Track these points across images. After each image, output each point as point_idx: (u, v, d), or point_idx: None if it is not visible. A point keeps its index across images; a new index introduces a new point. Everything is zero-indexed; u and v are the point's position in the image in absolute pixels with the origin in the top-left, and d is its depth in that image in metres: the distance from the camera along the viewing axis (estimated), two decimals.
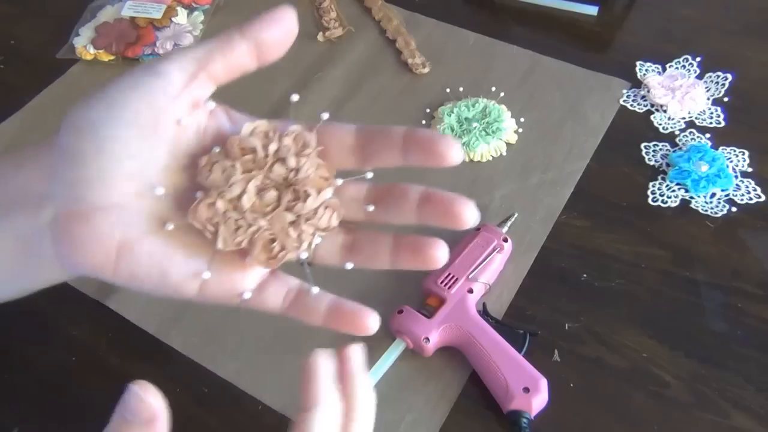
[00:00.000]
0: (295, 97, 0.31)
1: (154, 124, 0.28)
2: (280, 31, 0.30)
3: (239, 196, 0.29)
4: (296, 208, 0.29)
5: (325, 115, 0.31)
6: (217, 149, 0.29)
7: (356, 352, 0.33)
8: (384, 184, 0.31)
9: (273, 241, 0.29)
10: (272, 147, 0.29)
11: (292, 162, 0.29)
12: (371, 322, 0.30)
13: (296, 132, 0.30)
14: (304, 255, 0.30)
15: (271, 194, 0.29)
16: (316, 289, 0.31)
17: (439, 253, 0.30)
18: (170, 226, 0.29)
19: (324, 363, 0.32)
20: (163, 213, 0.29)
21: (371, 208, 0.31)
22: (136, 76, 0.29)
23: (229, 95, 0.73)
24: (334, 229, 0.30)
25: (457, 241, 0.52)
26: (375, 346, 0.48)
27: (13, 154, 0.31)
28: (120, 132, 0.28)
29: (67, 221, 0.28)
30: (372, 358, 0.47)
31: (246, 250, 0.29)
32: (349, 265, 0.31)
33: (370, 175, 0.31)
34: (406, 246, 0.31)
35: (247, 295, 0.30)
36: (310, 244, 0.30)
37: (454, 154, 0.29)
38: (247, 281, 0.30)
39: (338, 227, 0.31)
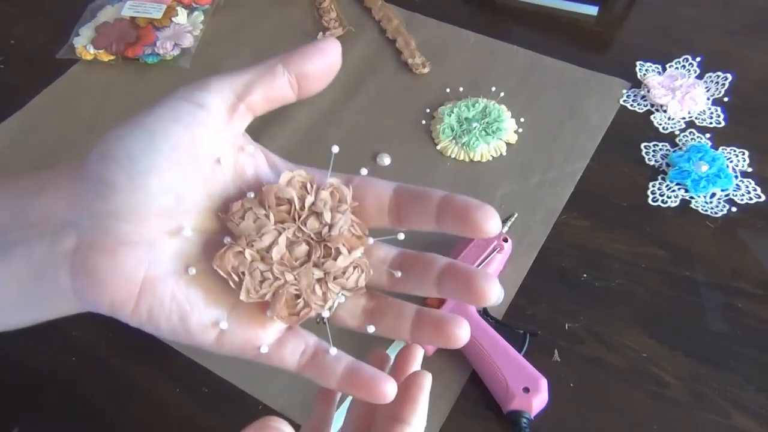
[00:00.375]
0: (335, 149, 0.30)
1: (193, 158, 0.27)
2: (324, 63, 0.29)
3: (269, 248, 0.28)
4: (326, 266, 0.28)
5: (364, 171, 0.30)
6: (251, 195, 0.28)
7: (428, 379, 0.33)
8: (412, 253, 0.31)
9: (297, 296, 0.28)
10: (308, 200, 0.29)
11: (327, 217, 0.28)
12: (389, 389, 0.29)
13: (334, 186, 0.29)
14: (326, 314, 0.29)
15: (302, 248, 0.28)
16: (334, 350, 0.29)
17: (461, 332, 0.29)
18: (192, 271, 0.28)
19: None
20: (191, 254, 0.28)
21: (399, 274, 0.30)
22: (175, 106, 0.28)
23: None
24: (360, 290, 0.30)
25: (457, 241, 0.52)
26: (375, 346, 0.48)
27: (32, 175, 0.30)
28: (157, 165, 0.27)
29: (90, 253, 0.27)
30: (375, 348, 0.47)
31: (268, 303, 0.28)
32: (371, 329, 0.30)
33: (401, 236, 0.30)
34: (428, 322, 0.30)
35: (264, 350, 0.29)
36: (333, 302, 0.29)
37: (491, 226, 0.27)
38: (266, 335, 0.29)
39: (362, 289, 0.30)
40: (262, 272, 0.28)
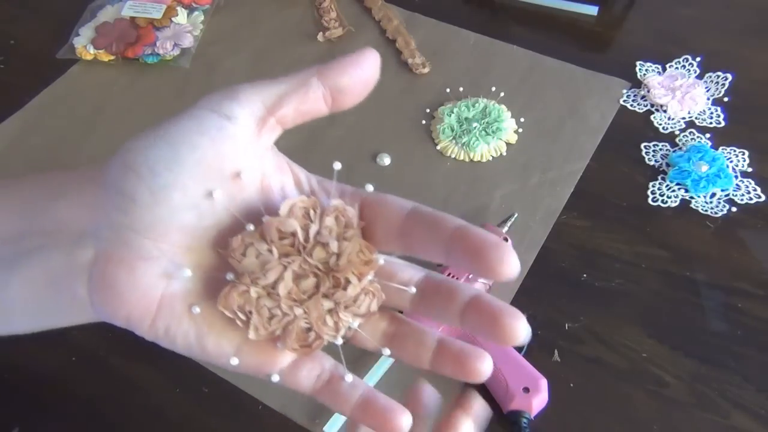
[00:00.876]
0: (337, 166, 0.29)
1: (218, 174, 0.26)
2: (361, 77, 0.28)
3: (274, 284, 0.26)
4: (336, 296, 0.27)
5: (370, 188, 0.29)
6: (250, 227, 0.27)
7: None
8: (437, 278, 0.29)
9: (308, 329, 0.27)
10: (313, 229, 0.27)
11: (333, 247, 0.27)
12: (404, 421, 0.27)
13: (339, 209, 0.28)
14: (339, 341, 0.28)
15: (309, 281, 0.27)
16: (350, 377, 0.28)
17: (484, 366, 0.27)
18: (197, 310, 0.27)
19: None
20: (212, 270, 0.27)
21: (413, 290, 0.28)
22: (201, 117, 0.26)
23: None
24: (373, 315, 0.28)
25: None
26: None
27: (49, 178, 0.29)
28: (181, 180, 0.25)
29: (108, 266, 0.26)
30: (372, 358, 0.47)
31: (279, 336, 0.27)
32: (386, 352, 0.29)
33: (413, 290, 0.28)
34: (449, 354, 0.28)
35: (276, 379, 0.28)
36: (346, 329, 0.28)
37: (506, 269, 0.25)
38: (280, 362, 0.28)
39: (382, 313, 0.29)
40: (270, 309, 0.27)
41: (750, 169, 0.57)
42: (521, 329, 0.25)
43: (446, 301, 0.27)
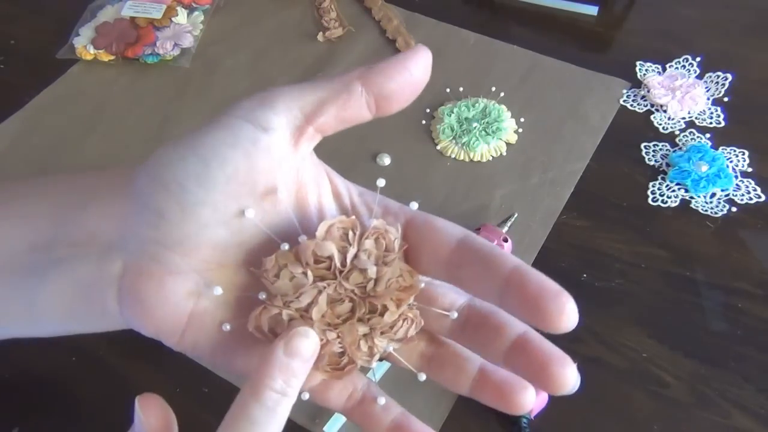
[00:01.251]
0: (381, 183, 0.27)
1: (252, 190, 0.25)
2: (409, 82, 0.26)
3: (308, 308, 0.25)
4: (371, 322, 0.26)
5: (414, 205, 0.27)
6: (285, 246, 0.26)
7: None
8: (482, 307, 0.27)
9: (342, 353, 0.26)
10: (350, 253, 0.26)
11: (371, 272, 0.25)
12: None
13: (380, 231, 0.26)
14: (373, 365, 0.27)
15: (345, 306, 0.26)
16: (383, 400, 0.28)
17: (527, 399, 0.26)
18: (227, 327, 0.26)
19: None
20: (244, 288, 0.26)
21: (455, 315, 0.27)
22: (234, 127, 0.25)
23: (233, 96, 0.73)
24: (411, 341, 0.27)
25: None
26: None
27: (74, 184, 0.28)
28: (212, 197, 0.24)
29: (138, 280, 0.25)
30: None
31: None
32: (422, 377, 0.27)
33: (455, 315, 0.27)
34: (492, 383, 0.27)
35: (306, 397, 0.27)
36: (380, 353, 0.27)
37: (566, 322, 0.24)
38: (310, 381, 0.27)
39: (420, 334, 0.27)
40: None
41: (750, 169, 0.57)
42: (571, 378, 0.24)
43: (491, 336, 0.26)
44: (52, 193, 0.28)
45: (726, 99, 0.62)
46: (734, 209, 0.55)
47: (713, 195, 0.56)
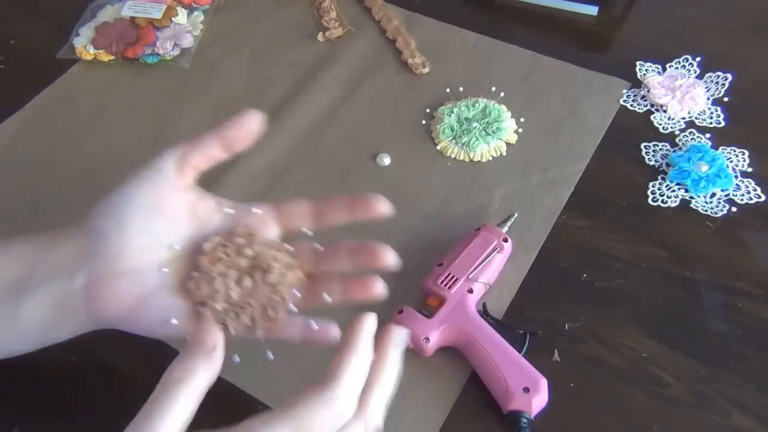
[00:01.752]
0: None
1: (158, 207, 0.37)
2: (245, 131, 0.39)
3: (227, 296, 0.37)
4: (268, 280, 0.37)
5: (258, 211, 0.41)
6: (195, 275, 0.38)
7: (399, 333, 0.38)
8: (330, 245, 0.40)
9: (264, 309, 0.37)
10: (230, 249, 0.38)
11: (249, 252, 0.38)
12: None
13: (243, 230, 0.39)
14: (293, 308, 0.38)
15: (248, 281, 0.37)
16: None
17: (378, 283, 0.39)
18: (174, 322, 0.37)
19: (370, 325, 0.36)
20: (173, 274, 0.38)
21: (310, 233, 0.40)
22: (143, 173, 0.38)
23: (232, 96, 0.73)
24: (303, 281, 0.39)
25: (457, 240, 0.52)
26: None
27: (44, 235, 0.39)
28: (134, 215, 0.37)
29: (97, 285, 0.36)
30: None
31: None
32: (327, 299, 0.39)
33: (310, 233, 0.40)
34: (351, 281, 0.39)
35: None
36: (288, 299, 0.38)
37: (381, 206, 0.39)
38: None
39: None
40: (235, 312, 0.37)
41: (750, 169, 0.57)
42: (390, 257, 0.38)
43: (339, 251, 0.40)
44: (26, 243, 0.39)
45: (726, 99, 0.62)
46: (734, 209, 0.55)
47: (713, 195, 0.56)
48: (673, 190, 0.56)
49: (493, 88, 0.64)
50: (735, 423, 0.45)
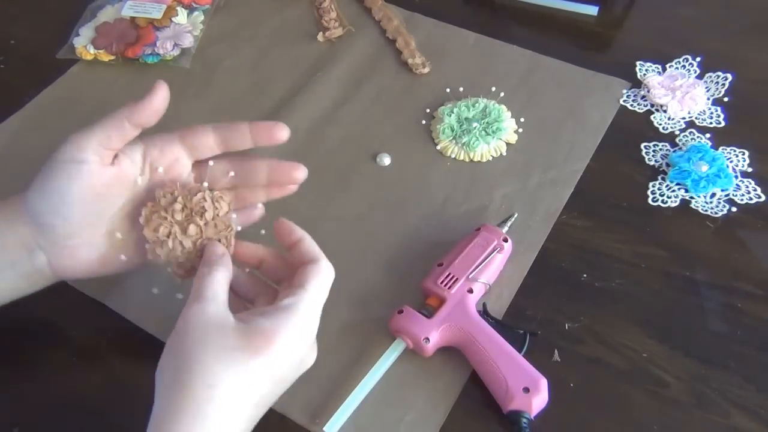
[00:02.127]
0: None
1: (92, 192, 0.42)
2: (153, 109, 0.44)
3: (183, 249, 0.43)
4: (208, 218, 0.43)
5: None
6: (147, 246, 0.44)
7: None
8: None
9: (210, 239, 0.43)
10: (164, 210, 0.43)
11: (178, 206, 0.43)
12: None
13: (165, 191, 0.44)
14: (238, 228, 0.45)
15: (192, 229, 0.43)
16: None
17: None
18: (155, 291, 0.48)
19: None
20: (118, 239, 0.44)
21: (232, 173, 0.46)
22: (69, 168, 0.42)
23: (232, 96, 0.73)
24: (232, 201, 0.45)
25: (457, 240, 0.52)
26: (375, 345, 0.48)
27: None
28: (74, 208, 0.42)
29: (58, 258, 0.43)
30: (372, 358, 0.47)
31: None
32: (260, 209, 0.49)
33: (211, 163, 0.46)
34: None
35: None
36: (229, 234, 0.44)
37: (280, 133, 0.45)
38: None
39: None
40: (185, 250, 0.43)
41: (750, 169, 0.57)
42: (300, 172, 0.46)
43: (253, 168, 0.47)
44: None
45: (726, 99, 0.62)
46: (734, 209, 0.55)
47: (713, 195, 0.56)
48: (673, 190, 0.56)
49: (493, 88, 0.64)
50: (735, 423, 0.45)
